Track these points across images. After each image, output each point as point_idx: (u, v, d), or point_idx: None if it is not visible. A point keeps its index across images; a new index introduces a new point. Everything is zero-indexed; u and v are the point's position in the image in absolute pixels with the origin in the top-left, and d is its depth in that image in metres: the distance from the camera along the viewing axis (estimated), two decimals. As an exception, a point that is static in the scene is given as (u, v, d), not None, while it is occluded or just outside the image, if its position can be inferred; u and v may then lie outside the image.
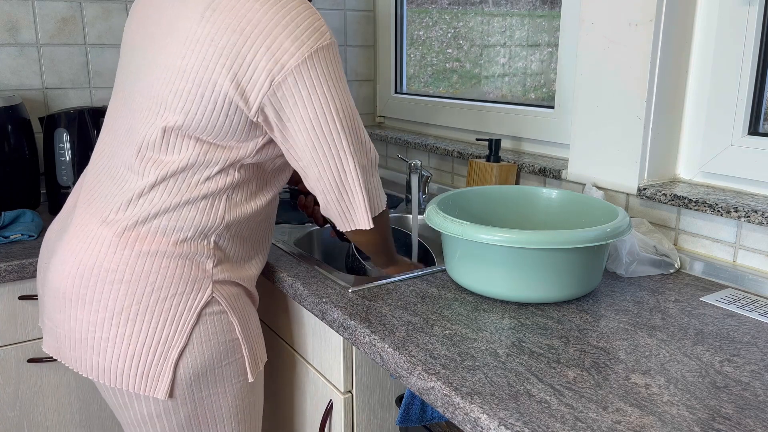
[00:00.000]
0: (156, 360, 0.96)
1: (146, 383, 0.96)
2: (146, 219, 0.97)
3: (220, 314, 1.01)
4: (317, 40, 0.93)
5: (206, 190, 0.98)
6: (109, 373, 0.97)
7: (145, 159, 0.97)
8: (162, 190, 0.97)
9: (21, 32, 1.66)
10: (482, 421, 0.73)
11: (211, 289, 1.00)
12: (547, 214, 1.26)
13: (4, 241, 1.37)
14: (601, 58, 1.29)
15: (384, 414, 1.15)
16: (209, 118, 0.94)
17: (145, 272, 0.96)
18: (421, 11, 2.08)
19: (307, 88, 0.93)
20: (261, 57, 0.90)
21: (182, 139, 0.96)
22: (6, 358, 1.32)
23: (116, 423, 1.46)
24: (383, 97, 2.22)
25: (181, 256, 0.98)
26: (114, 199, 0.99)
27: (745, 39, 1.15)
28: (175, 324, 0.97)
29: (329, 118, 0.95)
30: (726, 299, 1.06)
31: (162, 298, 0.96)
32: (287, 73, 0.91)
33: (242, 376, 1.05)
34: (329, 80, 0.94)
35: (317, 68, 0.93)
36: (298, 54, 0.91)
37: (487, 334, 0.92)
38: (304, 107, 0.94)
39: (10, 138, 1.54)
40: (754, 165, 1.16)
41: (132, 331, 0.95)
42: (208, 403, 1.02)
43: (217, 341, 1.00)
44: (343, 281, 1.13)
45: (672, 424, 0.71)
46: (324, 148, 0.97)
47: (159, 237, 0.97)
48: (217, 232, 1.01)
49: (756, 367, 0.83)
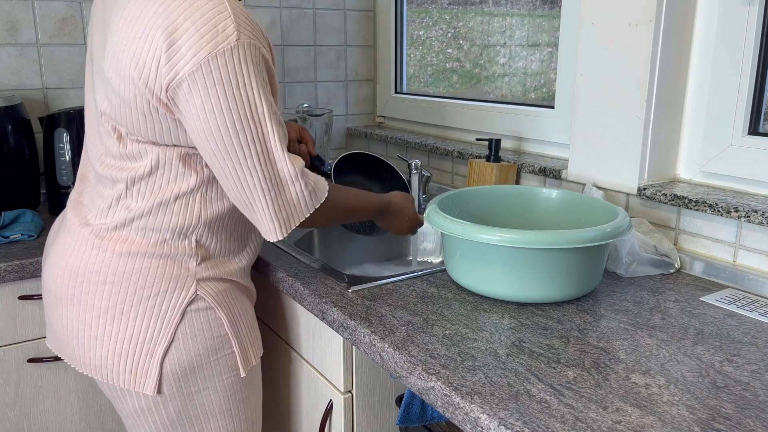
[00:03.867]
0: (142, 357, 0.98)
1: (134, 379, 0.99)
2: (125, 223, 0.99)
3: (207, 310, 1.02)
4: (218, 44, 0.86)
5: (177, 190, 0.98)
6: (101, 370, 1.00)
7: (112, 166, 0.99)
8: (135, 194, 0.98)
9: (21, 32, 1.66)
10: (482, 421, 0.73)
11: (195, 287, 1.01)
12: (547, 214, 1.26)
13: (4, 241, 1.37)
14: (601, 58, 1.29)
15: (384, 414, 1.15)
16: (146, 124, 0.93)
17: (127, 273, 0.98)
18: (421, 11, 2.08)
19: (201, 96, 0.87)
20: (164, 64, 0.86)
21: (138, 144, 0.96)
22: (6, 358, 1.32)
23: (116, 423, 1.46)
24: (383, 97, 2.22)
25: (162, 256, 0.99)
26: (95, 204, 1.02)
27: (745, 39, 1.15)
28: (160, 321, 0.98)
29: (223, 131, 0.89)
30: (726, 299, 1.06)
31: (145, 297, 0.98)
32: (181, 80, 0.87)
33: (234, 371, 1.06)
34: (228, 88, 0.87)
35: (213, 75, 0.86)
36: (194, 60, 0.85)
37: (487, 334, 0.92)
38: (197, 117, 0.89)
39: (10, 138, 1.54)
40: (754, 165, 1.16)
41: (118, 330, 0.98)
42: (198, 398, 1.04)
43: (203, 337, 1.01)
44: (343, 281, 1.13)
45: (672, 424, 0.71)
46: (221, 159, 0.92)
47: (139, 239, 0.99)
48: (198, 230, 1.01)
49: (756, 367, 0.83)
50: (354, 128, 2.19)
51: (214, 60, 0.86)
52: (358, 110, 2.24)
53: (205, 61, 0.86)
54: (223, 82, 0.87)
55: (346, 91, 2.20)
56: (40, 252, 1.32)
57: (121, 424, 1.47)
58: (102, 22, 0.98)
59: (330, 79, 2.16)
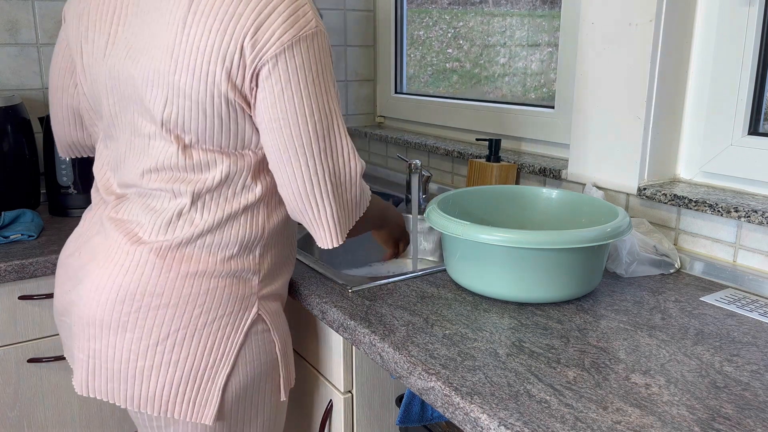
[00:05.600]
0: (204, 385, 0.92)
1: (193, 409, 0.92)
2: (190, 239, 0.92)
3: (264, 333, 0.97)
4: (301, 28, 0.85)
5: (245, 201, 0.94)
6: (153, 402, 0.91)
7: (172, 179, 0.92)
8: (201, 208, 0.92)
9: (21, 32, 1.66)
10: (482, 421, 0.73)
11: (257, 307, 0.96)
12: (547, 214, 1.26)
13: (4, 241, 1.37)
14: (601, 58, 1.29)
15: (384, 414, 1.15)
16: (220, 128, 0.89)
17: (193, 294, 0.91)
18: (421, 11, 2.08)
19: (281, 81, 0.85)
20: (248, 50, 0.84)
21: (205, 154, 0.91)
22: (6, 358, 1.32)
23: (116, 423, 1.46)
24: (383, 97, 2.22)
25: (229, 274, 0.93)
26: (147, 219, 0.93)
27: (745, 39, 1.15)
28: (224, 346, 0.93)
29: (300, 119, 0.87)
30: (726, 299, 1.06)
31: (210, 321, 0.92)
32: (263, 63, 0.84)
33: (275, 394, 1.02)
34: (308, 75, 0.86)
35: (296, 60, 0.85)
36: (278, 43, 0.84)
37: (487, 334, 0.92)
38: (273, 105, 0.86)
39: (10, 138, 1.54)
40: (754, 165, 1.16)
41: (179, 357, 0.90)
42: (241, 424, 0.98)
43: (260, 361, 0.97)
44: (343, 281, 1.13)
45: (672, 424, 0.71)
46: (292, 150, 0.88)
47: (205, 256, 0.92)
48: (261, 243, 0.97)
49: (756, 367, 0.83)
50: (354, 128, 2.19)
51: (297, 44, 0.85)
52: (358, 110, 2.24)
53: (289, 45, 0.84)
54: (304, 68, 0.86)
55: (346, 91, 2.20)
56: (40, 252, 1.32)
57: (121, 423, 1.47)
58: (133, 17, 0.91)
59: (330, 79, 2.15)
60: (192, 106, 0.87)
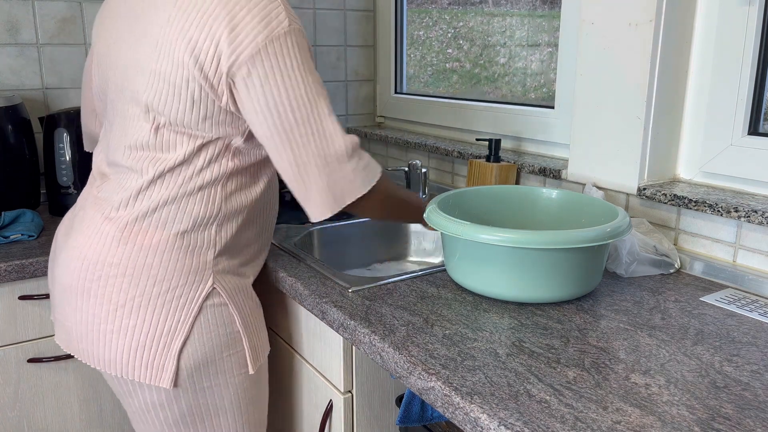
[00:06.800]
0: (159, 350, 0.99)
1: (151, 373, 1.00)
2: (146, 213, 1.00)
3: (221, 306, 1.04)
4: (273, 30, 0.93)
5: (201, 181, 1.01)
6: (115, 364, 1.00)
7: (142, 158, 1.01)
8: (160, 185, 1.00)
9: (21, 32, 1.66)
10: (482, 421, 0.73)
11: (212, 280, 1.03)
12: (547, 214, 1.26)
13: (4, 241, 1.37)
14: (601, 58, 1.29)
15: (384, 414, 1.15)
16: (191, 111, 0.97)
17: (147, 265, 0.99)
18: (421, 11, 2.08)
19: (260, 78, 0.93)
20: (222, 49, 0.92)
21: (175, 135, 0.99)
22: (6, 358, 1.32)
23: (116, 423, 1.46)
24: (383, 97, 2.22)
25: (182, 248, 1.01)
26: (116, 197, 1.02)
27: (745, 39, 1.15)
28: (178, 315, 1.00)
29: (281, 109, 0.95)
30: (726, 299, 1.06)
31: (164, 291, 1.00)
32: (240, 64, 0.93)
33: (243, 368, 1.08)
34: (284, 70, 0.94)
35: (271, 59, 0.93)
36: (252, 45, 0.92)
37: (487, 334, 0.92)
38: (256, 99, 0.95)
39: (10, 138, 1.54)
40: (754, 165, 1.16)
41: (135, 323, 0.99)
42: (209, 394, 1.05)
43: (218, 333, 1.03)
44: (343, 281, 1.13)
45: (672, 424, 0.71)
46: (278, 138, 0.97)
47: (159, 230, 1.00)
48: (217, 222, 1.04)
49: (756, 367, 0.83)
50: (354, 128, 2.19)
51: (271, 44, 0.93)
52: (358, 110, 2.24)
53: (263, 45, 0.92)
54: (279, 65, 0.94)
55: (346, 91, 2.20)
56: (40, 252, 1.32)
57: (121, 423, 1.47)
58: (134, 18, 1.01)
59: (330, 79, 2.16)
60: (169, 89, 0.96)
